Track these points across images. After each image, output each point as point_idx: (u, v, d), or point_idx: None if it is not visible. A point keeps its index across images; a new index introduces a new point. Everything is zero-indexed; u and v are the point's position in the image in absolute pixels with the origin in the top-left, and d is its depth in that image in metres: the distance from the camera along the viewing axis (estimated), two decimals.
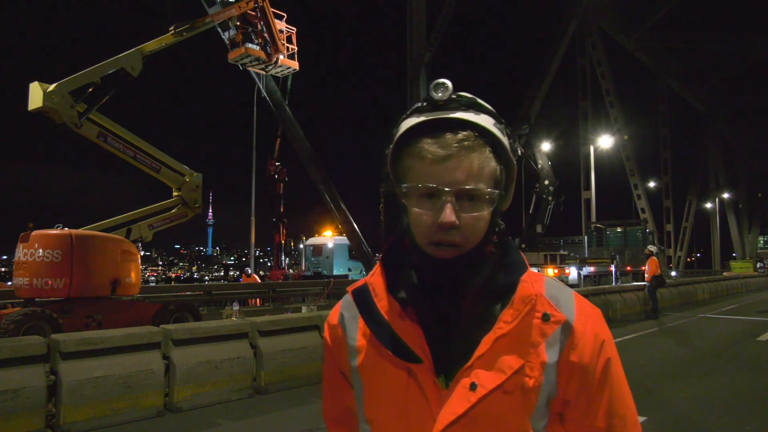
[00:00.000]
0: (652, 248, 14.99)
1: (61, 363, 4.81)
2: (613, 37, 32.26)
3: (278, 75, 15.91)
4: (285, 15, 14.68)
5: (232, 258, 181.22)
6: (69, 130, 9.63)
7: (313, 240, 28.21)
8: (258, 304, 15.51)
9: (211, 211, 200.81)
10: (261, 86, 17.18)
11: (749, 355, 8.92)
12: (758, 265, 40.71)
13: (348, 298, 0.95)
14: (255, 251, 27.47)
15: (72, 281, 8.46)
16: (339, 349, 0.94)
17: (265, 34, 14.04)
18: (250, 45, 14.00)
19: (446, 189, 0.79)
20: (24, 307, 8.29)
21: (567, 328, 0.83)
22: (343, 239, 23.61)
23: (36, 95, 9.38)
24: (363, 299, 0.89)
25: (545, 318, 0.83)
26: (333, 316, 0.97)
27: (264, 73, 15.61)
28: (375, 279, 0.90)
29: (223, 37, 14.46)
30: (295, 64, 15.10)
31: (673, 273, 32.19)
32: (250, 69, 15.36)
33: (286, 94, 17.78)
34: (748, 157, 48.39)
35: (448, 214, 0.78)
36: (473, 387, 0.80)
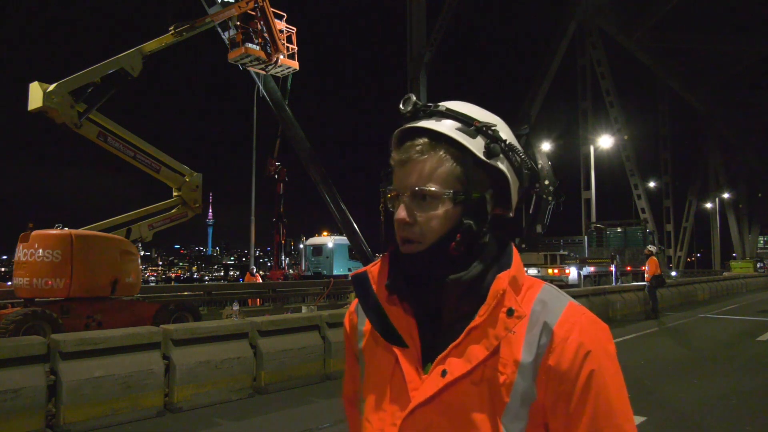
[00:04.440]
0: (651, 248, 15.00)
1: (61, 363, 4.81)
2: (613, 37, 32.23)
3: (278, 75, 15.90)
4: (285, 15, 14.69)
5: (232, 258, 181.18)
6: (69, 130, 9.63)
7: (313, 240, 28.22)
8: (258, 304, 15.51)
9: (211, 211, 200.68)
10: (260, 86, 17.17)
11: (749, 355, 8.93)
12: (758, 266, 40.71)
13: None
14: (255, 251, 27.47)
15: (72, 281, 8.46)
16: (352, 334, 1.03)
17: (265, 34, 14.03)
18: (250, 45, 13.99)
19: (402, 191, 0.89)
20: (24, 307, 8.29)
21: (547, 331, 0.84)
22: (343, 239, 23.61)
23: (36, 95, 9.38)
24: (361, 285, 0.96)
25: (509, 312, 0.85)
26: (353, 304, 1.05)
27: (264, 72, 15.60)
28: (374, 268, 0.97)
29: (223, 37, 14.45)
30: (295, 64, 15.10)
31: (673, 273, 32.20)
32: (250, 69, 15.34)
33: (286, 93, 17.76)
34: (748, 157, 48.38)
35: (399, 212, 0.88)
36: (443, 373, 0.85)
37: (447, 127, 0.88)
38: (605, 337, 0.87)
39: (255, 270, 20.76)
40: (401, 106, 0.91)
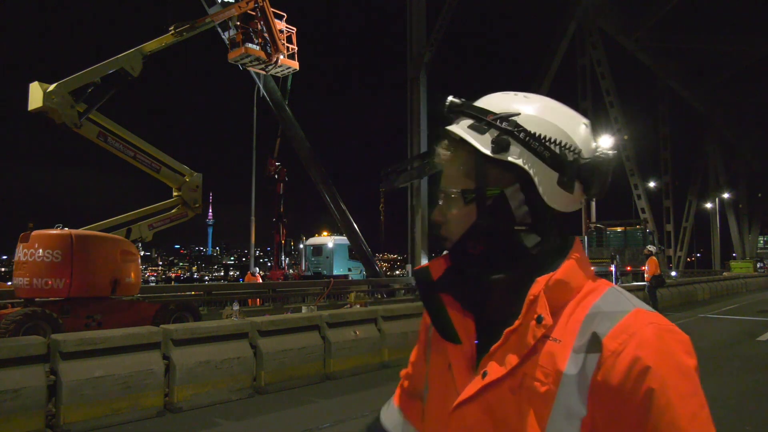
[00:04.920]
0: (651, 248, 14.99)
1: (61, 363, 4.81)
2: (613, 37, 32.23)
3: (278, 75, 15.91)
4: (285, 15, 14.70)
5: (232, 258, 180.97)
6: (69, 130, 9.63)
7: (313, 240, 28.27)
8: (258, 304, 15.50)
9: (211, 211, 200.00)
10: (260, 86, 17.18)
11: (749, 355, 8.93)
12: (758, 265, 40.72)
13: None
14: (255, 251, 27.48)
15: (72, 281, 8.45)
16: (427, 321, 1.04)
17: (265, 34, 14.04)
18: (250, 45, 14.00)
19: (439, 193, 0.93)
20: (24, 307, 8.28)
21: (596, 343, 0.77)
22: (343, 239, 23.63)
23: (36, 95, 9.38)
24: (422, 280, 0.96)
25: (539, 320, 0.81)
26: None
27: (264, 72, 15.61)
28: (437, 263, 0.97)
29: (223, 37, 14.47)
30: (295, 64, 15.10)
31: (673, 273, 32.17)
32: (250, 69, 15.36)
33: (286, 93, 17.79)
34: (748, 157, 48.39)
35: (434, 212, 0.93)
36: (484, 375, 0.84)
37: (459, 126, 0.89)
38: (677, 351, 0.75)
39: (256, 270, 20.75)
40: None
